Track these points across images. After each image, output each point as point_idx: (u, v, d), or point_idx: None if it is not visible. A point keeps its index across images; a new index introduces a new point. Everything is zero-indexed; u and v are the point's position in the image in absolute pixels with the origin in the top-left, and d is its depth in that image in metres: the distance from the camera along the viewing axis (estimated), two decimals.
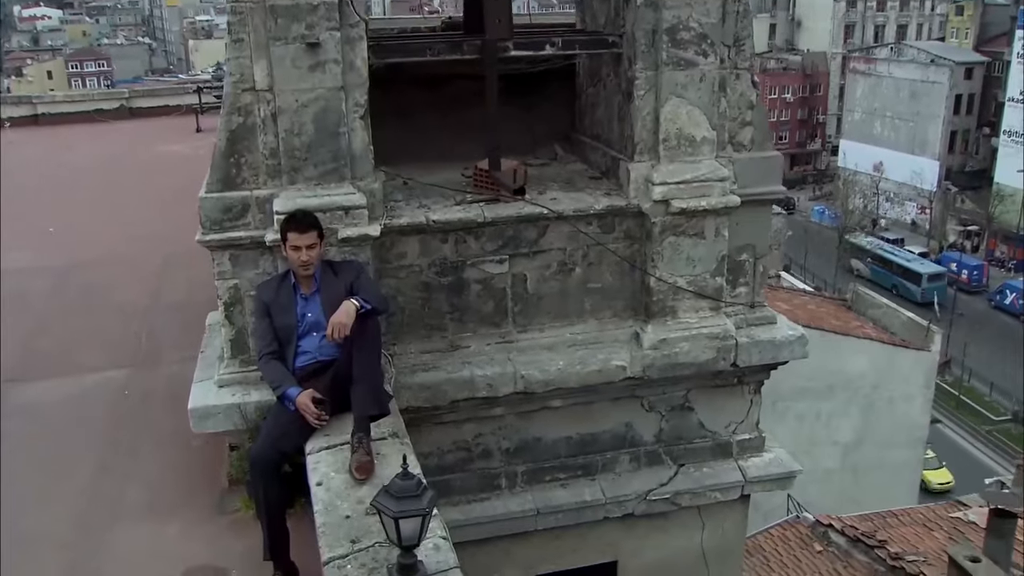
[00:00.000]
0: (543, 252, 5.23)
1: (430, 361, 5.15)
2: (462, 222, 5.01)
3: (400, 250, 5.03)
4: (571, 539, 5.75)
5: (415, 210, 5.08)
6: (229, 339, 4.90)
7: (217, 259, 4.78)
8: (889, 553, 11.92)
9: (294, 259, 4.44)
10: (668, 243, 5.24)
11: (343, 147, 4.73)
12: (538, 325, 5.36)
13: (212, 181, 4.68)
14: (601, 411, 5.57)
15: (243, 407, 4.78)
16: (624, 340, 5.43)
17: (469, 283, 5.18)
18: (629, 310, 5.47)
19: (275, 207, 4.65)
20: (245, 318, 4.87)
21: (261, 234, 4.72)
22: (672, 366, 5.36)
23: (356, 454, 4.02)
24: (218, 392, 4.88)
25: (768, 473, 5.83)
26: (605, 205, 5.20)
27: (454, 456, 5.41)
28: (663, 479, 5.73)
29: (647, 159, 5.21)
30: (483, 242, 5.12)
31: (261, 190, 4.73)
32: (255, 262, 4.81)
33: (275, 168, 4.71)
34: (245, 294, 4.84)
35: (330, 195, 4.71)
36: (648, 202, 5.18)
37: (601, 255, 5.32)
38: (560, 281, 5.31)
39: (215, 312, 5.90)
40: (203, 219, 4.69)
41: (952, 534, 12.52)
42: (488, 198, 5.21)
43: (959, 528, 12.70)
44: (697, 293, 5.36)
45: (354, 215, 4.72)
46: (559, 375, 5.22)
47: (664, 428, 5.71)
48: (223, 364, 4.97)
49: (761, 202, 5.46)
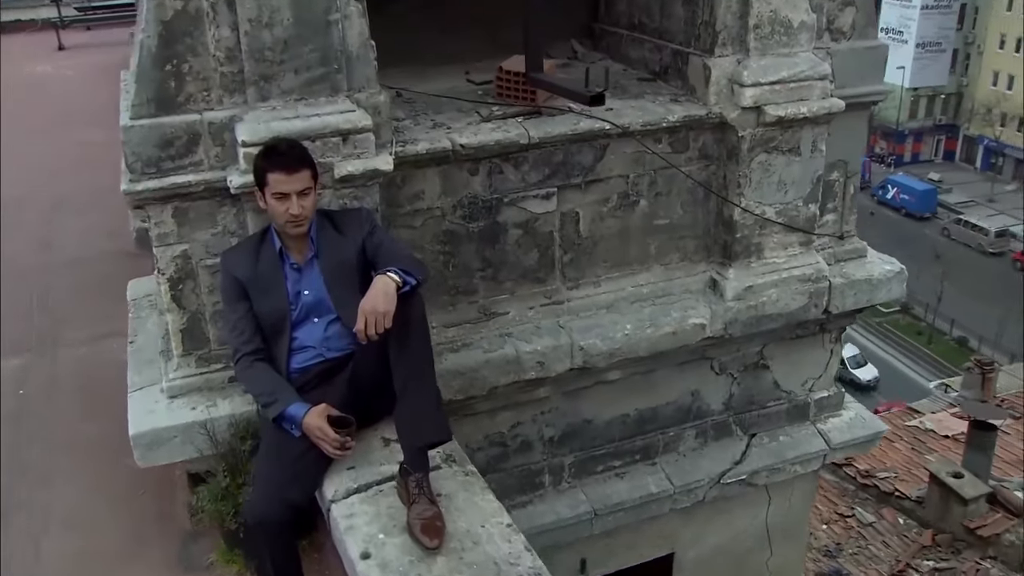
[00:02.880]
0: (600, 181, 3.91)
1: (459, 337, 3.81)
2: (500, 145, 3.61)
3: (415, 189, 3.61)
4: (626, 535, 4.62)
5: (431, 132, 3.64)
6: (179, 329, 3.41)
7: (155, 216, 3.25)
8: (858, 471, 11.48)
9: (279, 213, 2.99)
10: (758, 163, 4.00)
11: (334, 43, 3.23)
12: (592, 278, 4.07)
13: (140, 102, 3.11)
14: (665, 380, 4.38)
15: (210, 425, 3.35)
16: (698, 290, 4.21)
17: (506, 228, 3.82)
18: (702, 251, 4.24)
19: (239, 136, 3.14)
20: (200, 298, 3.39)
21: (220, 176, 3.21)
22: (758, 319, 4.19)
23: (416, 505, 2.70)
24: (170, 406, 3.42)
25: (853, 437, 4.81)
26: (681, 116, 3.89)
27: (486, 454, 4.14)
28: (735, 456, 4.63)
29: (731, 52, 3.90)
30: (524, 171, 3.75)
31: (215, 111, 3.19)
32: (211, 218, 3.31)
33: (235, 78, 3.18)
34: (199, 264, 3.34)
35: (320, 114, 3.23)
36: (735, 110, 3.90)
37: (671, 181, 4.04)
38: (620, 219, 4.01)
39: (141, 281, 4.35)
40: (130, 159, 3.14)
41: (915, 445, 12.20)
42: (525, 110, 3.82)
43: (919, 438, 12.39)
44: (787, 225, 4.17)
45: (356, 142, 3.26)
46: (626, 342, 3.98)
47: (735, 393, 4.58)
48: (171, 364, 3.49)
49: (860, 105, 4.27)
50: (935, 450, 11.87)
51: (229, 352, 3.20)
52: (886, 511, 10.79)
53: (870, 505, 11.02)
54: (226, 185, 3.21)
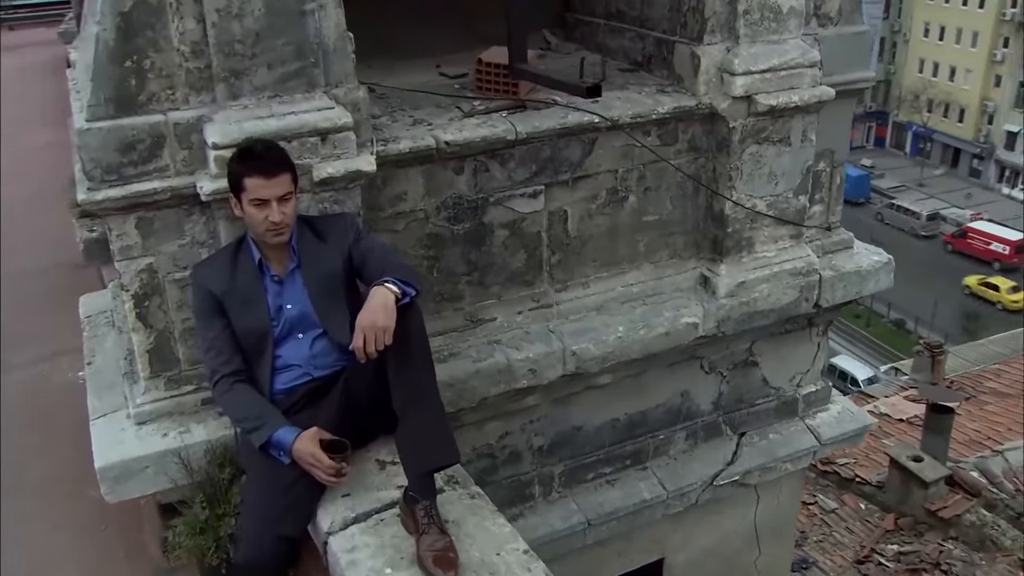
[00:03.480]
0: (588, 177, 3.72)
1: (446, 346, 3.59)
2: (487, 141, 3.39)
3: (397, 190, 3.37)
4: (617, 543, 4.45)
5: (411, 129, 3.41)
6: (147, 349, 3.13)
7: (117, 228, 2.96)
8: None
9: (258, 221, 2.74)
10: (749, 154, 3.85)
11: (310, 35, 2.97)
12: (581, 279, 3.89)
13: (97, 102, 2.82)
14: (655, 381, 4.22)
15: (184, 453, 3.08)
16: (688, 288, 4.06)
17: (492, 229, 3.61)
18: (691, 247, 4.09)
19: (209, 138, 2.87)
20: (169, 315, 3.11)
21: (189, 182, 2.93)
22: (750, 316, 4.06)
23: (427, 536, 2.48)
24: (139, 434, 3.13)
25: (843, 431, 4.73)
26: (671, 107, 3.72)
27: (474, 467, 3.91)
28: (727, 456, 4.50)
29: (720, 39, 3.75)
30: (511, 169, 3.54)
31: (181, 111, 2.91)
32: (179, 228, 3.03)
33: (202, 74, 2.90)
34: (166, 279, 3.06)
35: (296, 112, 2.97)
36: (725, 100, 3.75)
37: (660, 176, 3.88)
38: (609, 216, 3.83)
39: (93, 296, 4.04)
40: (87, 165, 2.84)
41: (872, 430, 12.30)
42: (509, 104, 3.61)
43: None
44: (777, 218, 4.04)
45: (336, 141, 3.02)
46: (619, 345, 3.81)
47: (724, 392, 4.45)
48: (138, 388, 3.20)
49: (848, 92, 4.16)
50: (891, 434, 11.98)
51: (204, 373, 2.94)
52: (847, 497, 10.85)
53: (831, 492, 11.07)
54: (195, 192, 2.94)
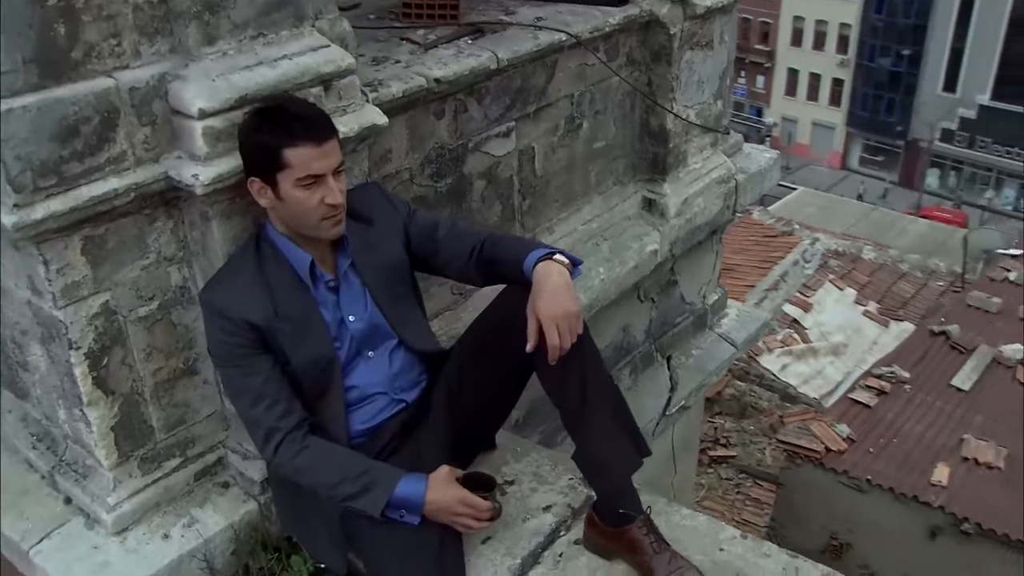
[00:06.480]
0: (550, 106, 3.21)
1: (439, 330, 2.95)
2: (474, 73, 2.73)
3: (382, 148, 2.62)
4: None
5: (387, 68, 2.66)
6: (111, 426, 2.15)
7: (56, 260, 1.94)
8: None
9: (310, 207, 1.96)
10: (685, 62, 3.60)
11: None
12: (546, 222, 3.41)
13: (12, 67, 1.76)
14: (604, 320, 3.88)
15: (204, 552, 2.20)
16: (634, 214, 3.76)
17: (472, 181, 2.99)
18: (629, 170, 3.76)
19: (193, 103, 1.95)
20: (135, 370, 2.16)
21: (155, 174, 1.99)
22: (692, 232, 3.89)
23: (660, 556, 1.99)
24: (125, 546, 2.17)
25: (748, 333, 4.77)
26: (620, 18, 3.30)
27: None
28: (666, 383, 4.36)
29: None
30: (487, 105, 2.93)
31: (133, 69, 1.95)
32: (139, 242, 2.07)
33: (157, 11, 1.96)
34: (128, 320, 2.10)
35: (289, 55, 2.13)
36: (665, 5, 3.43)
37: (606, 96, 3.48)
38: (568, 147, 3.37)
39: None
40: (13, 169, 1.80)
41: None
42: (467, 30, 2.96)
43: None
44: (703, 126, 3.86)
45: (341, 90, 2.24)
46: (603, 288, 3.43)
47: (653, 318, 4.26)
48: (100, 483, 2.21)
49: None
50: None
51: (255, 439, 2.06)
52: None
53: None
54: (163, 187, 2.02)
